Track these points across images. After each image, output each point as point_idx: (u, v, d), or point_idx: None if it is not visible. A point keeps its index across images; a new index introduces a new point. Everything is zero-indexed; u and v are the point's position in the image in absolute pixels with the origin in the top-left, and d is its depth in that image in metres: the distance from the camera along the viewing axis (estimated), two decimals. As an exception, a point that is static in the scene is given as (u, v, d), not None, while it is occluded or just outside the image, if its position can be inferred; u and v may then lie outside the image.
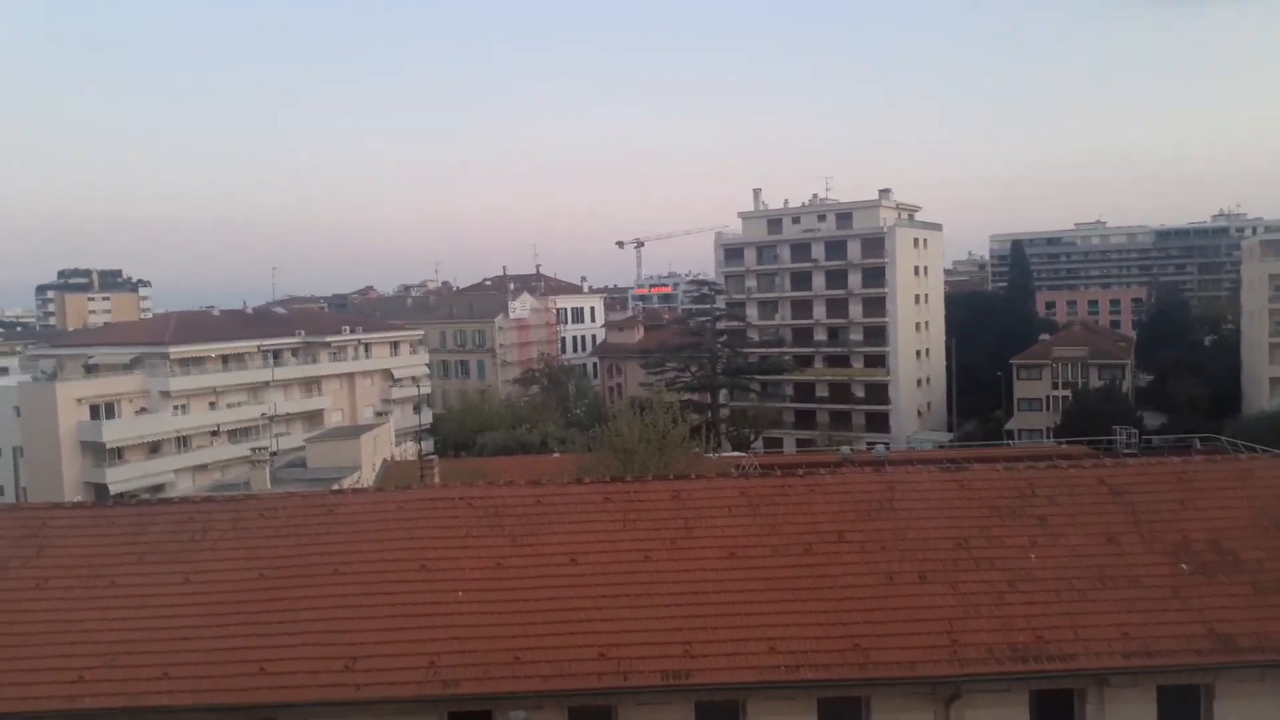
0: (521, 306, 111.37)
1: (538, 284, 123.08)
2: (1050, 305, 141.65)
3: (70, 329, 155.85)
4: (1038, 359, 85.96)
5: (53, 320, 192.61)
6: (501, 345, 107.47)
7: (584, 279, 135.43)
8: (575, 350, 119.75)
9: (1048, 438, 74.06)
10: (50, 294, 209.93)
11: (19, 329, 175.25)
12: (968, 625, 17.26)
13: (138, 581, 18.83)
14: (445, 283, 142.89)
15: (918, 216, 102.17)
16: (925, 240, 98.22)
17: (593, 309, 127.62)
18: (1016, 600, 17.76)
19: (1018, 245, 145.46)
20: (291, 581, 18.73)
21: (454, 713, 16.82)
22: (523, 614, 17.68)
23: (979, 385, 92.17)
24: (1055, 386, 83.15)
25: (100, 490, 60.75)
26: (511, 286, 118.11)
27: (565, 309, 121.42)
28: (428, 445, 75.19)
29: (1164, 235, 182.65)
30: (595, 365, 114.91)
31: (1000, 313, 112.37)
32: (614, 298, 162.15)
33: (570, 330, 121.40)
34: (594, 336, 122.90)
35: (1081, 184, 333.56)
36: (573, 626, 17.33)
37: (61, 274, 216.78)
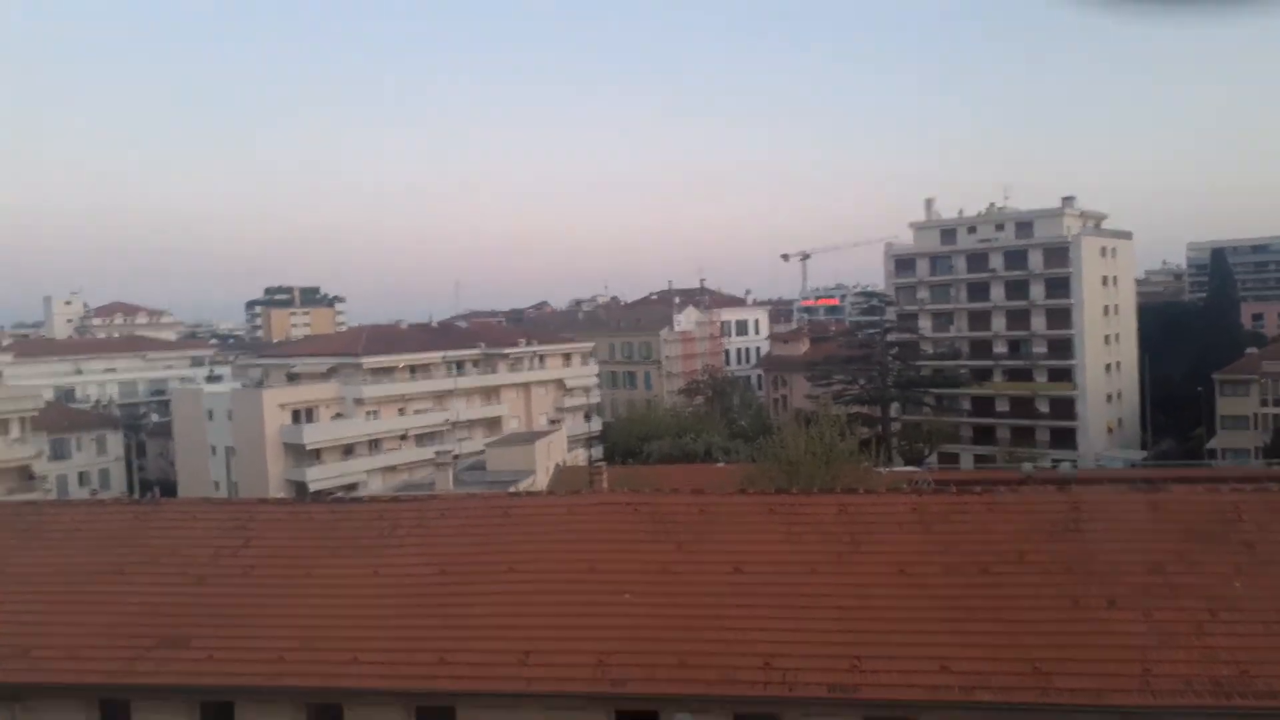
0: (686, 319, 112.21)
1: (702, 298, 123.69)
2: (1258, 317, 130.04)
3: (275, 341, 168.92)
4: (1244, 374, 78.97)
5: (259, 333, 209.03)
6: (667, 357, 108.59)
7: (748, 292, 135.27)
8: (739, 362, 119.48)
9: (1256, 459, 68.00)
10: (258, 309, 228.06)
11: (231, 341, 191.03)
12: (1162, 655, 16.12)
13: (331, 572, 20.24)
14: (614, 297, 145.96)
15: (1105, 224, 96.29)
16: (1114, 249, 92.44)
17: (757, 321, 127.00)
18: (1218, 631, 16.45)
19: (1219, 253, 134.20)
20: (469, 578, 19.64)
21: (621, 711, 17.19)
22: (688, 619, 17.86)
23: (1176, 402, 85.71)
24: (1265, 404, 76.07)
25: (300, 488, 65.46)
26: (676, 300, 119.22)
27: (729, 321, 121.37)
28: (597, 452, 76.98)
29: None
30: (760, 377, 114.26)
31: (1199, 325, 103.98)
32: (779, 310, 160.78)
33: (734, 342, 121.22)
34: (758, 349, 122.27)
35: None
36: (738, 634, 17.35)
37: (267, 291, 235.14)
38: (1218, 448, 76.64)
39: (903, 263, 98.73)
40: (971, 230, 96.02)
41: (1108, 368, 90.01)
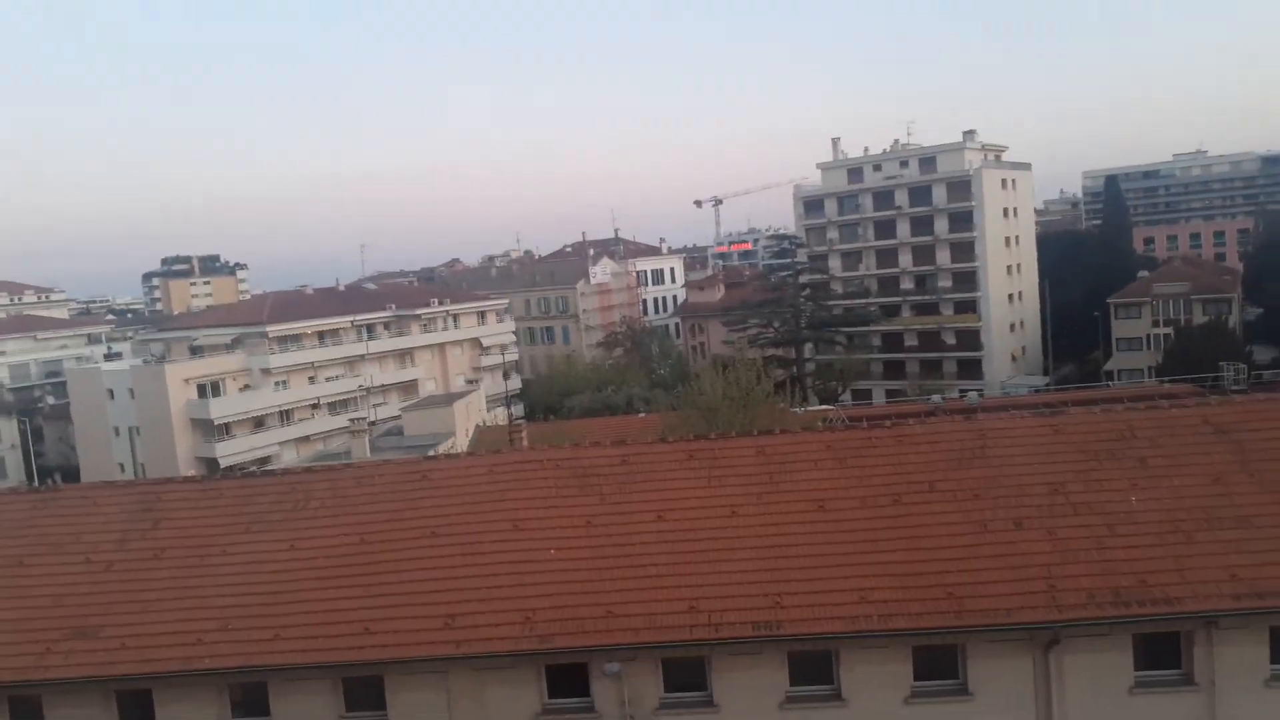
0: (602, 271, 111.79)
1: (617, 248, 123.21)
2: (1149, 242, 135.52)
3: (175, 313, 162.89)
4: (1137, 297, 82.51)
5: (159, 306, 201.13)
6: (584, 310, 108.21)
7: (663, 240, 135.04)
8: (657, 312, 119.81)
9: (1149, 378, 71.26)
10: (155, 281, 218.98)
11: (129, 316, 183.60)
12: (1066, 571, 16.88)
13: (246, 550, 19.74)
14: (527, 251, 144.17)
15: (1005, 157, 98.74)
16: (1014, 181, 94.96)
17: (673, 270, 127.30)
18: (1117, 545, 17.27)
19: (1112, 180, 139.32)
20: (390, 545, 19.38)
21: (551, 666, 17.28)
22: (613, 570, 17.98)
23: (1075, 327, 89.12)
24: (1156, 325, 79.77)
25: (211, 464, 63.62)
26: (591, 252, 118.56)
27: (645, 271, 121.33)
28: (517, 410, 76.39)
29: (1271, 161, 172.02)
30: (677, 326, 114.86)
31: (1095, 251, 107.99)
32: (694, 257, 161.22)
33: (651, 292, 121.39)
34: (675, 297, 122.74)
35: (1179, 113, 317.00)
36: (663, 581, 17.55)
37: (164, 261, 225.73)
38: (1114, 369, 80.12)
39: (811, 204, 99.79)
40: (877, 168, 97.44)
41: (1010, 298, 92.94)
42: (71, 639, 17.81)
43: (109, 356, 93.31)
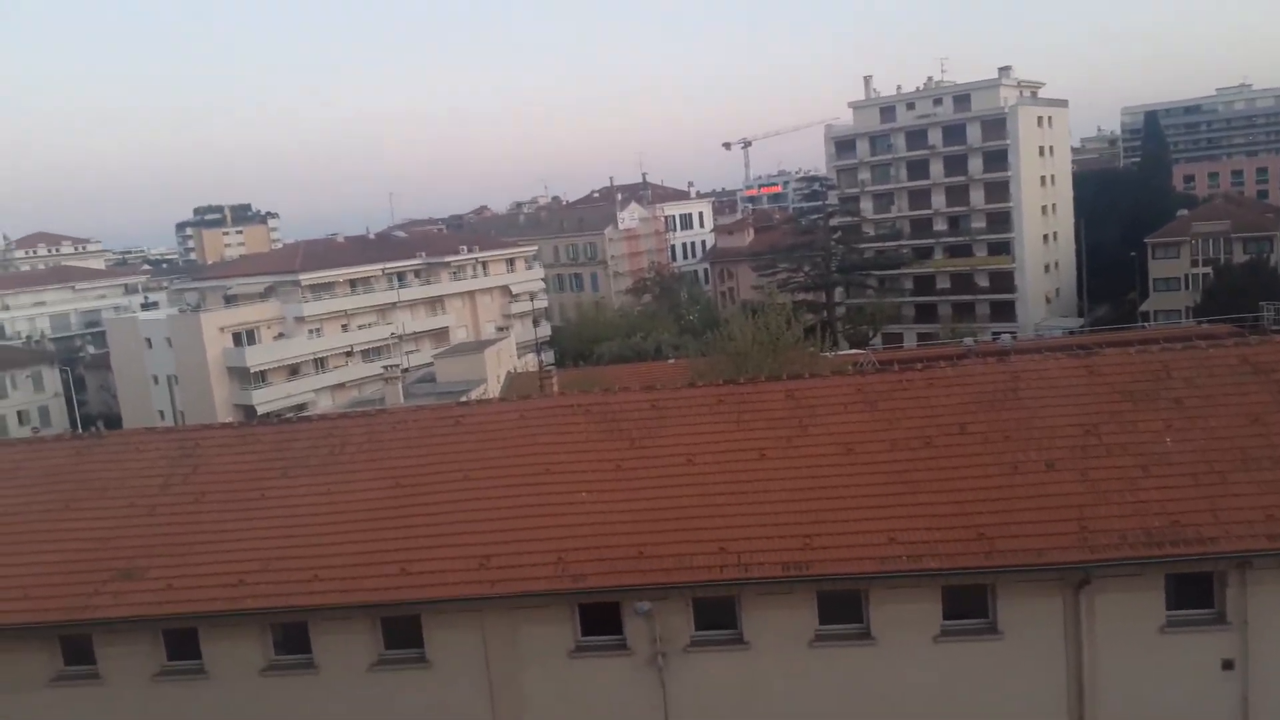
0: (630, 216, 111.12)
1: (645, 192, 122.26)
2: (1189, 179, 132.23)
3: (209, 262, 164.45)
4: (1175, 236, 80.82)
5: (193, 255, 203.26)
6: (612, 256, 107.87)
7: (691, 184, 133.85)
8: (686, 257, 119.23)
9: (1187, 318, 70.15)
10: (189, 231, 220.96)
11: (164, 266, 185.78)
12: (1098, 512, 16.81)
13: (285, 493, 20.13)
14: (555, 198, 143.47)
15: (1041, 93, 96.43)
16: (1050, 118, 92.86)
17: (701, 214, 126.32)
18: (1150, 485, 17.16)
19: (1151, 116, 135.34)
20: (425, 489, 19.68)
21: (583, 605, 17.59)
22: (644, 512, 18.15)
23: (1111, 268, 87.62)
24: (1195, 264, 78.20)
25: (249, 411, 64.71)
26: (619, 197, 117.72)
27: (674, 216, 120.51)
28: (547, 357, 76.93)
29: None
30: (706, 271, 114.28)
31: (1133, 190, 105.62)
32: (722, 201, 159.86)
33: (680, 237, 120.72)
34: (704, 242, 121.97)
35: (1222, 46, 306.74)
36: (692, 523, 17.70)
37: (197, 211, 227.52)
38: (1150, 310, 78.91)
39: (843, 144, 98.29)
40: (910, 107, 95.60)
41: (1045, 238, 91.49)
42: (118, 580, 18.33)
43: (145, 306, 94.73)
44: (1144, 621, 16.56)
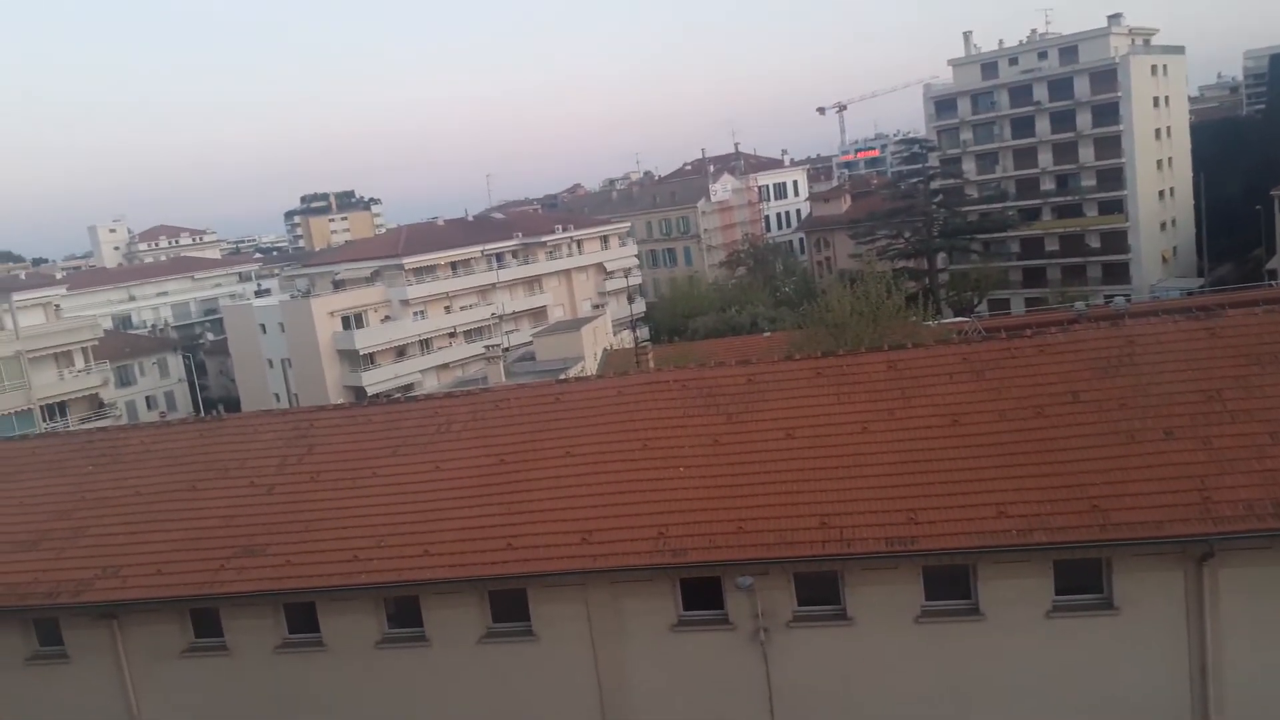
0: (722, 188, 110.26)
1: (737, 163, 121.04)
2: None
3: (317, 249, 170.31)
4: (1307, 187, 75.80)
5: (301, 243, 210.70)
6: (705, 230, 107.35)
7: (785, 152, 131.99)
8: (781, 227, 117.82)
9: (1321, 276, 65.90)
10: (296, 219, 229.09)
11: (274, 253, 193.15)
12: (1222, 482, 15.98)
13: (394, 471, 20.79)
14: (647, 173, 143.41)
15: (1155, 40, 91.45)
16: (1165, 67, 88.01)
17: (795, 183, 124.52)
18: (1279, 454, 16.23)
19: (1276, 60, 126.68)
20: (528, 464, 20.05)
21: (685, 579, 17.68)
22: (743, 486, 18.10)
23: (1234, 224, 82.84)
24: (1330, 217, 73.27)
25: (359, 392, 67.02)
26: (711, 169, 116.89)
27: (767, 186, 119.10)
28: (643, 333, 77.19)
29: None
30: (802, 241, 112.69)
31: (1258, 139, 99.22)
32: (818, 168, 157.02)
33: (774, 207, 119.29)
34: (799, 211, 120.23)
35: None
36: (793, 497, 17.56)
37: (303, 199, 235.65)
38: (1278, 268, 74.32)
39: (943, 104, 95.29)
40: (1013, 62, 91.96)
41: (1160, 194, 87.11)
42: (241, 556, 19.28)
43: (259, 293, 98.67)
44: (1273, 598, 15.73)
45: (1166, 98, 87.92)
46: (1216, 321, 19.55)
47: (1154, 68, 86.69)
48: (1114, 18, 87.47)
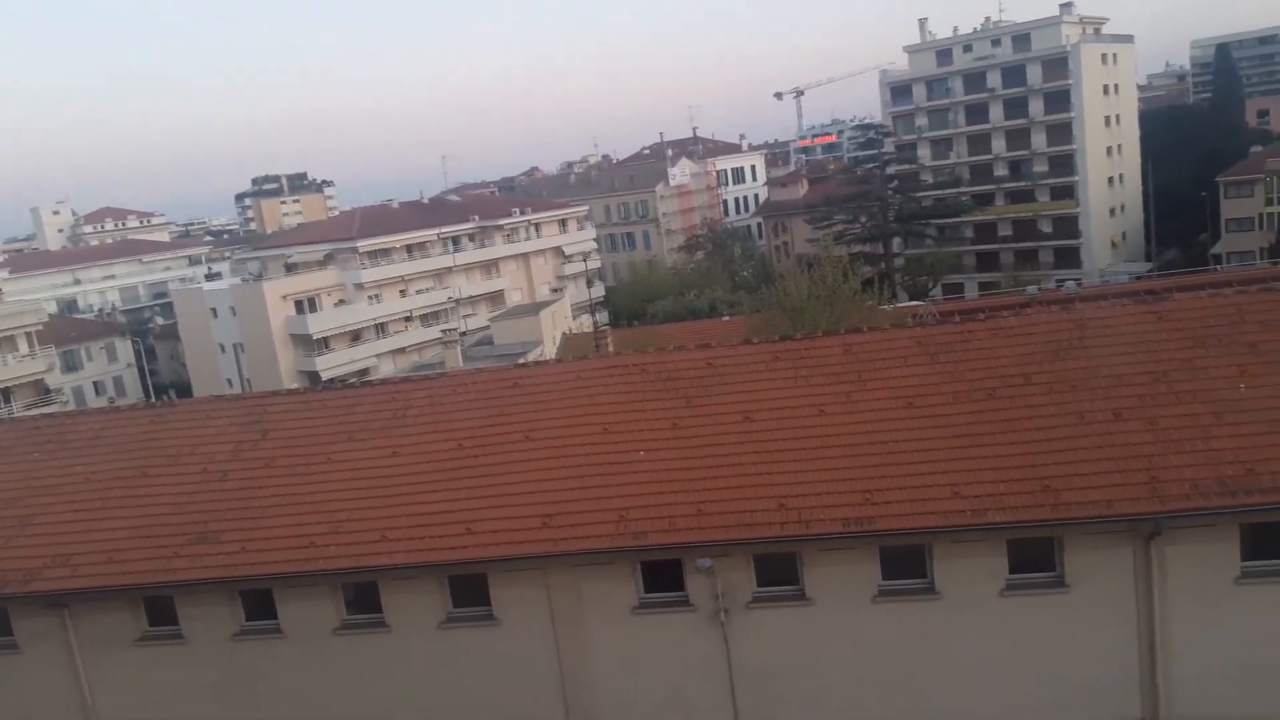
0: (681, 172, 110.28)
1: (695, 147, 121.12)
2: (1263, 114, 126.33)
3: (269, 232, 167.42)
4: (1249, 174, 77.70)
5: (253, 225, 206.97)
6: (664, 214, 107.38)
7: (743, 137, 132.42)
8: (738, 212, 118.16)
9: (1262, 259, 67.71)
10: (248, 201, 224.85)
11: (225, 236, 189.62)
12: (1169, 461, 16.39)
13: (351, 456, 20.55)
14: (605, 156, 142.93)
15: (1105, 29, 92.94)
16: (1114, 55, 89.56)
17: (754, 167, 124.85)
18: (1224, 433, 16.65)
19: (1223, 49, 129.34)
20: (487, 449, 19.95)
21: (645, 562, 17.76)
22: (702, 470, 18.19)
23: (1181, 209, 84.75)
24: (1270, 203, 75.21)
25: (313, 377, 66.17)
26: (669, 153, 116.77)
27: (725, 170, 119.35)
28: (602, 317, 77.11)
29: None
30: (760, 225, 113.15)
31: (1203, 127, 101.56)
32: (775, 153, 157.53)
33: (732, 191, 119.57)
34: (756, 196, 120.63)
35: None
36: (751, 480, 17.69)
37: (255, 182, 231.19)
38: (1223, 252, 76.30)
39: (898, 90, 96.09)
40: (967, 49, 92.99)
41: (1110, 181, 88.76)
42: (195, 544, 18.96)
43: (209, 276, 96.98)
44: (1218, 573, 16.18)
45: (1116, 85, 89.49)
46: (1164, 305, 19.99)
47: (1104, 56, 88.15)
48: (1065, 6, 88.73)
